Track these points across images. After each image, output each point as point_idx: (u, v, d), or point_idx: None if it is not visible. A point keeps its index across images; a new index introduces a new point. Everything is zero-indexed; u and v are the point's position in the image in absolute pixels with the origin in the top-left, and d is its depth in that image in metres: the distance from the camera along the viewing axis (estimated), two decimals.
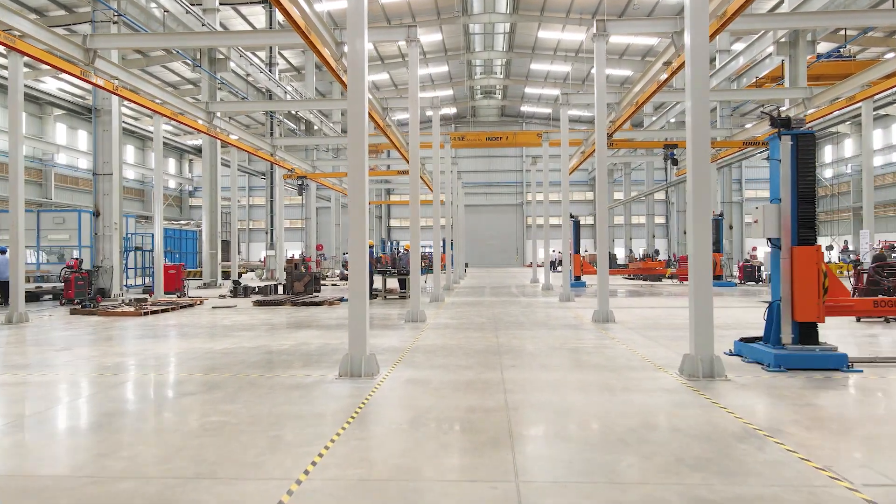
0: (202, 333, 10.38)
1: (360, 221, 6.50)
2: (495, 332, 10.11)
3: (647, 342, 8.88)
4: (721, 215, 24.50)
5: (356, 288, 6.49)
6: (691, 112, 6.39)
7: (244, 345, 8.95)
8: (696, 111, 6.38)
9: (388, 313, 13.59)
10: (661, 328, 10.51)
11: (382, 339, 9.35)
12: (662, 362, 7.22)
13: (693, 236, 6.34)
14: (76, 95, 37.51)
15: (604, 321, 11.44)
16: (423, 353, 8.01)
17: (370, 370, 6.44)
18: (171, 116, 15.71)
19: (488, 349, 8.33)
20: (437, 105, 16.91)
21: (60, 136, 39.48)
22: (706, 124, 6.38)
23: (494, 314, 13.14)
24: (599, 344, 8.75)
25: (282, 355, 7.98)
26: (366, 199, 6.49)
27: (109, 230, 17.96)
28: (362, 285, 6.48)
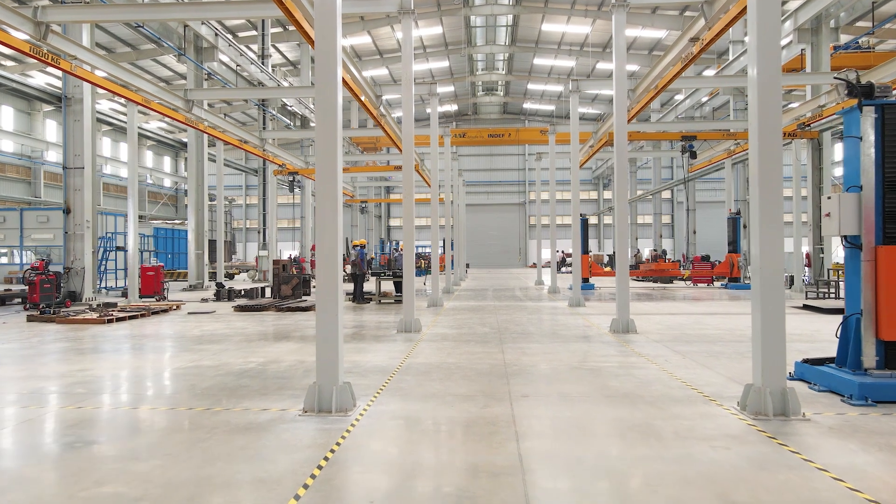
0: (161, 347, 8.99)
1: (330, 216, 5.11)
2: (500, 346, 8.71)
3: (681, 360, 7.47)
4: (738, 214, 23.06)
5: (326, 302, 5.10)
6: (757, 81, 4.98)
7: (203, 363, 7.56)
8: (764, 72, 4.96)
9: (379, 321, 12.20)
10: (691, 341, 9.10)
11: (367, 356, 7.95)
12: (710, 390, 5.81)
13: (760, 236, 4.92)
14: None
15: (624, 331, 10.03)
16: (415, 376, 6.61)
17: (343, 404, 5.04)
18: (142, 103, 14.32)
19: (493, 369, 6.92)
20: (435, 93, 15.50)
21: (50, 133, 38.16)
22: (776, 92, 4.98)
23: (499, 322, 11.74)
24: (625, 363, 7.34)
25: (243, 378, 6.57)
26: (338, 185, 5.10)
27: (81, 228, 16.57)
28: (332, 298, 5.08)
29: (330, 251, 5.08)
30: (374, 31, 34.51)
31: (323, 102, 5.16)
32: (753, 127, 5.00)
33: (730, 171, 25.92)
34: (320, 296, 5.10)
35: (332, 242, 5.08)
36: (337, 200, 5.08)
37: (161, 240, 40.58)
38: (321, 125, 5.10)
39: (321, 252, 5.09)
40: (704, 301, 16.73)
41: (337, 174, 5.08)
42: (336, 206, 5.08)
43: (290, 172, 23.21)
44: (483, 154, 57.57)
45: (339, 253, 5.12)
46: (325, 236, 5.09)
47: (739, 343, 8.81)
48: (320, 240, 5.10)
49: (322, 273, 5.09)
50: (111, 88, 13.90)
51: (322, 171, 5.08)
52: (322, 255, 5.09)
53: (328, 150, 5.09)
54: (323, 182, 5.07)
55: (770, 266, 4.89)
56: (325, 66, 5.19)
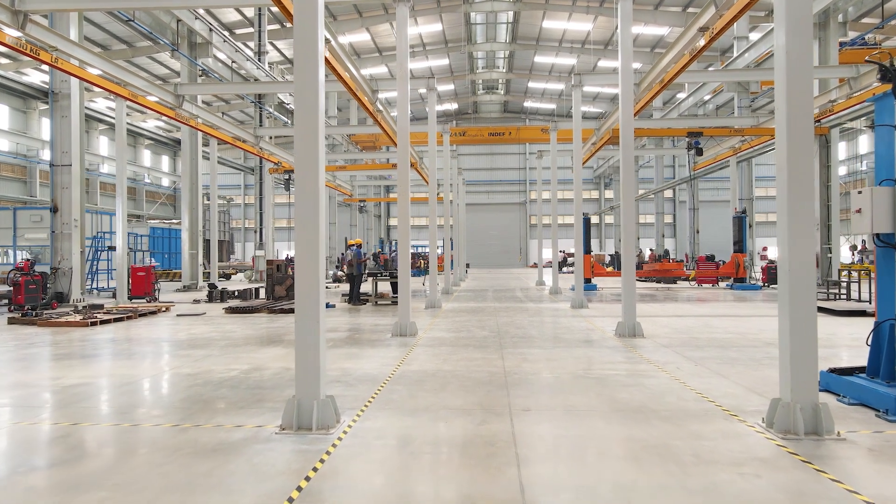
0: (141, 353, 8.50)
1: (310, 211, 4.60)
2: (500, 351, 8.21)
3: (694, 368, 6.96)
4: (744, 213, 22.54)
5: (305, 307, 4.59)
6: (785, 54, 4.48)
7: (183, 370, 7.06)
8: (793, 46, 4.46)
9: (374, 324, 11.70)
10: (702, 346, 8.59)
11: (358, 363, 7.45)
12: (729, 403, 5.30)
13: (789, 234, 4.40)
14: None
15: (630, 335, 9.52)
16: (407, 386, 6.11)
17: (325, 421, 4.54)
18: (129, 98, 13.81)
19: (492, 378, 6.42)
20: (434, 87, 15.00)
21: (46, 132, 37.68)
22: (807, 67, 4.47)
23: (499, 325, 11.24)
24: (634, 370, 6.83)
25: (222, 388, 6.07)
26: (319, 176, 4.59)
27: (69, 228, 16.09)
28: (313, 303, 4.58)
29: (310, 250, 4.58)
30: (372, 27, 34.05)
31: (302, 76, 4.65)
32: (781, 110, 4.49)
33: (734, 170, 25.39)
34: (299, 300, 4.60)
35: (312, 241, 4.58)
36: (318, 193, 4.57)
37: (158, 240, 40.14)
38: (300, 106, 4.60)
39: (300, 252, 4.59)
40: (711, 302, 16.22)
41: (318, 163, 4.58)
42: (317, 200, 4.58)
43: (285, 171, 22.71)
44: (483, 153, 57.10)
45: (321, 252, 4.62)
46: (304, 233, 4.59)
47: (754, 348, 8.31)
48: (299, 238, 4.60)
49: (302, 275, 4.59)
50: (96, 82, 13.42)
51: (301, 159, 4.58)
52: (301, 254, 4.59)
53: (307, 135, 4.58)
54: (302, 172, 4.57)
55: (800, 267, 4.38)
56: (304, 34, 4.68)
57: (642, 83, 13.84)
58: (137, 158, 49.26)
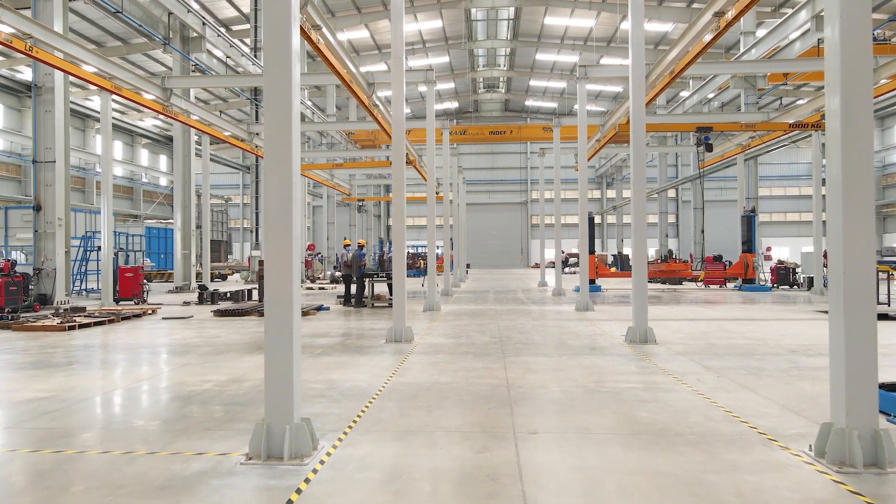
0: (113, 361, 7.85)
1: (282, 202, 3.95)
2: (503, 360, 7.57)
3: (716, 380, 6.30)
4: (753, 211, 21.88)
5: (276, 316, 3.95)
6: (839, 27, 3.83)
7: (153, 382, 6.42)
8: (848, 20, 3.81)
9: (369, 328, 11.05)
10: (721, 353, 7.94)
11: (347, 373, 6.80)
12: (765, 424, 4.65)
13: (844, 234, 3.74)
14: None
15: (642, 341, 8.87)
16: (399, 402, 5.46)
17: (299, 448, 3.89)
18: (112, 90, 13.17)
19: (494, 393, 5.78)
20: (433, 80, 14.37)
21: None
22: (866, 38, 3.82)
23: (500, 329, 10.59)
24: (650, 383, 6.18)
25: (191, 404, 5.43)
26: (292, 160, 3.94)
27: (52, 227, 15.45)
28: (285, 311, 3.93)
29: (281, 248, 3.93)
30: (371, 24, 33.44)
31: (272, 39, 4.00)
32: (834, 88, 3.84)
33: (742, 167, 24.72)
34: (269, 307, 3.96)
35: (283, 237, 3.93)
36: (291, 181, 3.92)
37: (154, 240, 39.55)
38: (270, 80, 3.95)
39: (270, 250, 3.94)
40: (722, 304, 15.56)
41: (291, 148, 3.93)
42: (290, 190, 3.93)
43: None
44: (484, 152, 56.48)
45: (295, 251, 3.97)
46: (275, 228, 3.94)
47: (777, 356, 7.65)
48: (268, 234, 3.95)
49: (272, 277, 3.95)
50: (77, 73, 12.79)
51: (272, 143, 3.93)
52: (272, 253, 3.94)
53: (278, 113, 3.93)
54: (273, 158, 3.92)
55: (857, 270, 3.72)
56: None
57: (651, 75, 13.18)
58: (135, 157, 48.70)
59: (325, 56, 11.18)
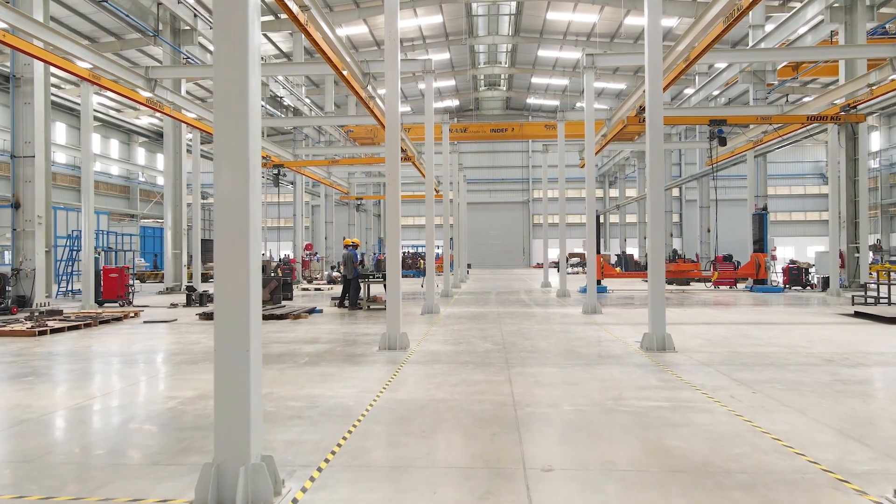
0: (75, 372, 7.07)
1: (237, 186, 3.17)
2: (507, 371, 6.79)
3: (752, 397, 5.52)
4: (765, 209, 21.07)
5: (231, 326, 3.16)
6: None
7: (108, 399, 5.64)
8: None
9: (363, 333, 10.27)
10: (750, 364, 7.15)
11: (332, 387, 6.02)
12: (828, 457, 3.86)
13: None
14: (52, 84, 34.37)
15: (659, 349, 8.09)
16: (388, 425, 4.68)
17: (258, 495, 3.11)
18: (91, 80, 12.39)
19: (499, 413, 5.00)
20: (431, 70, 13.58)
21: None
22: None
23: (504, 335, 9.81)
24: (677, 400, 5.39)
25: (144, 428, 4.65)
26: (248, 132, 3.16)
27: (32, 225, 14.70)
28: (240, 325, 3.15)
29: (235, 246, 3.15)
30: (370, 19, 32.69)
31: None
32: None
33: (752, 164, 23.92)
34: (221, 314, 3.17)
35: (239, 228, 3.15)
36: (247, 160, 3.14)
37: (148, 239, 38.87)
38: (220, 19, 3.17)
39: (221, 243, 3.16)
40: (736, 307, 14.77)
41: (247, 119, 3.15)
42: (246, 170, 3.15)
43: (274, 165, 21.31)
44: (485, 151, 55.70)
45: (254, 249, 3.20)
46: (228, 218, 3.15)
47: (814, 367, 6.87)
48: (221, 224, 3.17)
49: (224, 277, 3.16)
50: (63, 66, 12.04)
51: (223, 112, 3.15)
52: (223, 252, 3.16)
53: (231, 72, 3.16)
54: (224, 131, 3.14)
55: None
56: None
57: (665, 60, 12.36)
58: (131, 156, 48.02)
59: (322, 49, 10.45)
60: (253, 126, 3.16)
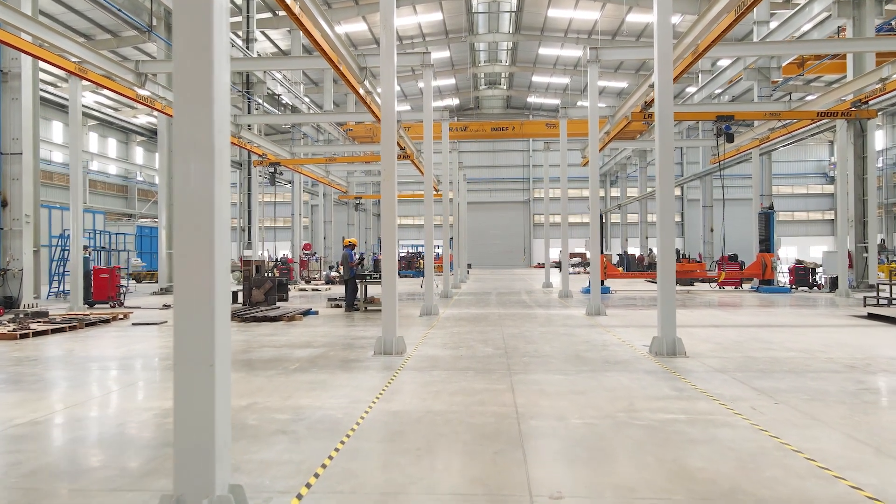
0: (44, 380, 6.64)
1: (201, 166, 2.76)
2: (509, 378, 6.37)
3: (776, 408, 5.10)
4: (771, 208, 20.64)
5: (192, 339, 2.74)
6: None
7: (70, 412, 5.22)
8: None
9: (358, 336, 9.85)
10: (766, 370, 6.73)
11: (321, 397, 5.59)
12: (871, 483, 3.43)
13: None
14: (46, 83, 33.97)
15: (670, 354, 7.67)
16: (380, 443, 4.26)
17: None
18: (78, 73, 11.97)
19: (501, 426, 4.58)
20: (430, 63, 13.18)
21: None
22: None
23: (505, 338, 9.39)
24: (695, 412, 4.97)
25: (112, 445, 4.23)
26: (213, 110, 2.75)
27: (19, 224, 14.29)
28: (205, 331, 2.73)
29: (197, 243, 2.74)
30: (369, 16, 32.30)
31: None
32: None
33: (757, 162, 23.50)
34: (180, 323, 2.76)
35: (201, 224, 2.74)
36: (211, 143, 2.73)
37: (145, 239, 38.45)
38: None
39: (181, 236, 2.75)
40: (744, 308, 14.35)
41: (211, 93, 2.73)
42: (211, 158, 2.74)
43: (270, 163, 20.90)
44: (486, 150, 55.26)
45: (220, 245, 2.78)
46: (190, 206, 2.74)
47: (836, 375, 6.45)
48: (181, 214, 2.76)
49: (184, 284, 2.75)
50: (40, 55, 11.61)
51: (184, 86, 2.74)
52: (184, 249, 2.75)
53: (194, 43, 2.75)
54: (185, 108, 2.73)
55: None
56: None
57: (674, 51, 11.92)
58: (129, 156, 47.61)
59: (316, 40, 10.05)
60: (219, 103, 2.75)
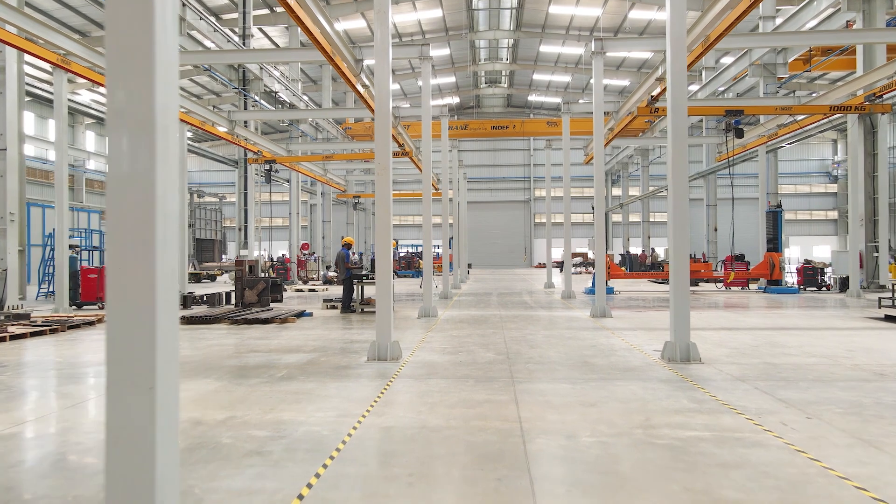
0: (11, 389, 6.15)
1: (140, 155, 2.25)
2: (512, 387, 5.87)
3: (810, 424, 4.59)
4: (779, 206, 20.13)
5: (124, 373, 2.24)
6: None
7: (36, 428, 4.73)
8: None
9: (353, 339, 9.35)
10: (790, 378, 6.23)
11: (307, 410, 5.08)
12: None
13: None
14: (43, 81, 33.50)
15: (683, 360, 7.16)
16: (367, 467, 3.75)
17: None
18: (60, 65, 11.48)
19: (504, 447, 4.08)
20: (428, 56, 12.68)
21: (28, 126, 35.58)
22: None
23: (506, 342, 8.89)
24: (720, 429, 4.47)
25: (50, 476, 3.74)
26: (154, 83, 2.25)
27: (4, 223, 13.81)
28: (142, 363, 2.22)
29: (135, 237, 2.23)
30: (368, 13, 31.81)
31: None
32: None
33: (763, 160, 22.98)
34: (113, 338, 2.26)
35: (139, 216, 2.23)
36: (153, 120, 2.23)
37: None
38: None
39: (113, 241, 2.24)
40: (754, 309, 13.84)
41: (153, 46, 2.23)
42: (152, 135, 2.23)
43: (266, 161, 20.41)
44: (486, 149, 54.77)
45: (159, 242, 2.28)
46: (122, 201, 2.24)
47: (867, 384, 5.94)
48: (113, 211, 2.26)
49: (117, 288, 2.25)
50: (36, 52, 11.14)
51: (116, 41, 2.24)
52: (116, 247, 2.24)
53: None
54: (116, 69, 2.23)
55: None
56: None
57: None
58: None
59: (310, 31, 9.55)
60: (163, 64, 2.24)
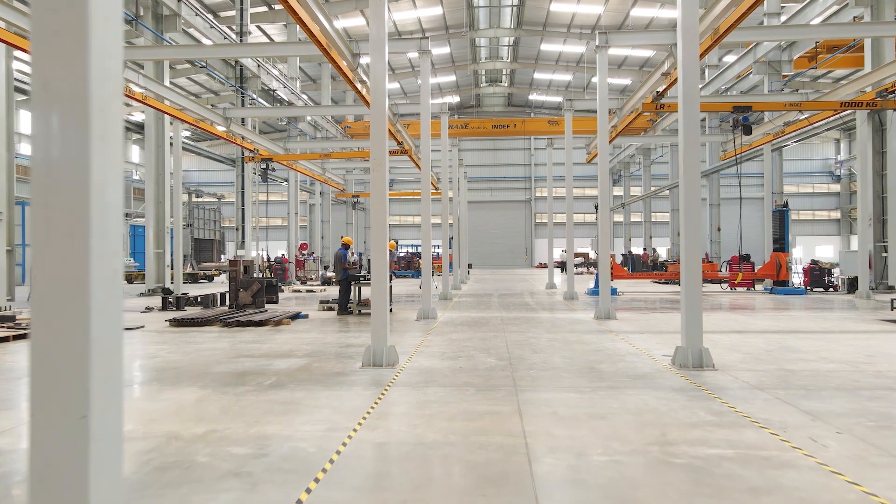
0: None
1: (74, 121, 1.89)
2: (515, 397, 5.50)
3: (842, 440, 4.21)
4: (786, 206, 19.75)
5: (50, 397, 1.86)
6: None
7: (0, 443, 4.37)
8: None
9: (348, 343, 8.98)
10: (810, 386, 5.85)
11: (293, 422, 4.70)
12: None
13: None
14: None
15: (696, 366, 6.79)
16: (356, 492, 3.37)
17: None
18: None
19: (508, 468, 3.70)
20: (428, 50, 12.30)
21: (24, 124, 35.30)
22: None
23: (509, 346, 8.52)
24: (743, 445, 4.09)
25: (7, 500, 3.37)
26: (90, 32, 1.88)
27: None
28: (72, 388, 1.84)
29: (63, 235, 1.86)
30: (367, 10, 31.43)
31: None
32: None
33: (768, 159, 22.62)
34: (37, 358, 1.88)
35: (69, 210, 1.86)
36: (87, 97, 1.86)
37: (139, 238, 37.66)
38: None
39: (37, 240, 1.87)
40: (762, 311, 13.47)
41: (84, 25, 1.87)
42: (85, 115, 1.86)
43: (263, 159, 20.04)
44: (486, 149, 54.42)
45: (94, 240, 1.91)
46: (49, 192, 1.87)
47: (893, 391, 5.57)
48: (37, 204, 1.89)
49: (43, 296, 1.87)
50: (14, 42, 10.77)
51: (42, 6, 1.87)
52: (41, 247, 1.87)
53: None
54: (42, 39, 1.86)
55: None
56: None
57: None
58: (126, 154, 46.83)
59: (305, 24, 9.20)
60: (100, 21, 1.87)
